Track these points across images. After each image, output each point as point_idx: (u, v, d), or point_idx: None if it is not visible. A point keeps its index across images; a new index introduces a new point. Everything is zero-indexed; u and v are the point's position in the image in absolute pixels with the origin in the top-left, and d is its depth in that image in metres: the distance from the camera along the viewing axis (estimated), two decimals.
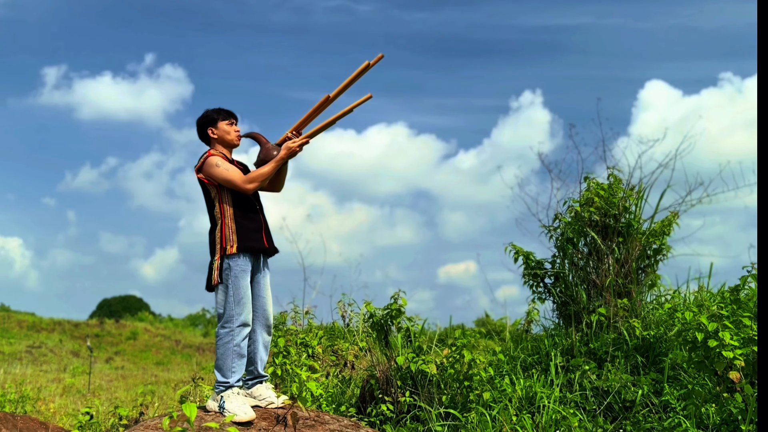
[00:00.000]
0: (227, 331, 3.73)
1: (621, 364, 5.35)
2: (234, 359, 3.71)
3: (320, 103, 4.00)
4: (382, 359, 4.96)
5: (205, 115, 4.05)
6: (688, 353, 4.61)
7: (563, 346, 5.68)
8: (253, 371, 3.89)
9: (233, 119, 4.06)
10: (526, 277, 6.03)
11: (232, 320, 3.73)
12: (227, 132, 4.02)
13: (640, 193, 5.81)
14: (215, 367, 3.74)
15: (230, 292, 3.75)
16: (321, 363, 5.26)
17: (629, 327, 5.37)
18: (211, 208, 3.92)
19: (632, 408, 5.03)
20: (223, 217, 3.85)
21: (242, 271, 3.78)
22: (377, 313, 4.86)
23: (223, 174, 3.83)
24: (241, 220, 3.86)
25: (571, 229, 5.70)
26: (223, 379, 3.70)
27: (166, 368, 17.88)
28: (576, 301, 5.79)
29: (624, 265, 5.73)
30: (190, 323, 25.89)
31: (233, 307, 3.73)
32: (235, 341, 3.72)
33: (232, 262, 3.79)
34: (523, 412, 4.88)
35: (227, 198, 3.88)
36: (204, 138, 4.10)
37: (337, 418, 3.84)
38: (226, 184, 3.85)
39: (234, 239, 3.80)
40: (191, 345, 22.52)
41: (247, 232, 3.85)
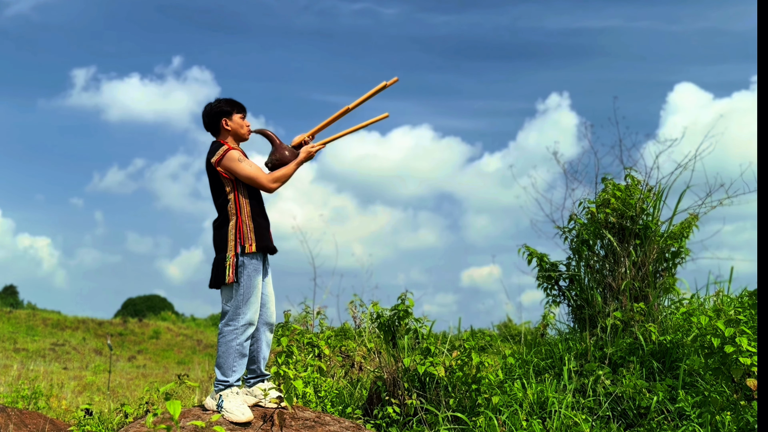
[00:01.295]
0: (232, 329, 3.67)
1: (636, 370, 5.21)
2: (235, 358, 3.65)
3: (340, 113, 4.04)
4: (390, 361, 4.88)
5: (219, 106, 3.92)
6: (704, 359, 4.45)
7: (577, 350, 5.55)
8: (256, 370, 3.84)
9: (245, 113, 3.99)
10: (540, 280, 5.91)
11: (237, 318, 3.68)
12: (240, 126, 3.94)
13: (658, 194, 5.66)
14: (216, 365, 3.69)
15: (241, 290, 3.68)
16: (329, 364, 5.20)
17: (645, 332, 5.22)
18: (223, 204, 3.79)
19: (647, 415, 4.89)
20: (239, 214, 3.75)
21: (255, 270, 3.73)
22: (384, 314, 4.78)
23: (245, 170, 3.75)
24: (257, 218, 3.80)
25: (586, 231, 5.57)
26: (223, 377, 3.64)
27: (187, 367, 17.99)
28: (591, 305, 5.65)
29: (641, 268, 5.58)
30: (212, 323, 26.03)
31: (241, 305, 3.68)
32: (239, 340, 3.66)
33: (247, 261, 3.71)
34: (533, 418, 4.77)
35: (244, 194, 3.80)
36: (213, 128, 3.96)
37: (338, 420, 3.78)
38: (247, 180, 3.76)
39: (252, 237, 3.73)
40: (213, 344, 22.66)
41: (262, 231, 3.80)
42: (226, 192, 3.79)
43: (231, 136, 3.93)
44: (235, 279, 3.67)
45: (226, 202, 3.78)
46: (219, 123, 3.92)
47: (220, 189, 3.81)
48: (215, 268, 3.77)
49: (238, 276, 3.68)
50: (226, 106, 3.91)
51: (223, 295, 3.75)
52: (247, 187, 3.81)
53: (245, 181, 3.77)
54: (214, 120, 3.92)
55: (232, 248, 3.71)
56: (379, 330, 4.83)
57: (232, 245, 3.72)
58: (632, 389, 4.99)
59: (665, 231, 5.66)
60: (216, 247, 3.81)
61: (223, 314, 3.74)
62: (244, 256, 3.70)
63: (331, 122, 4.06)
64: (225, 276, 3.68)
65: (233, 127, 3.91)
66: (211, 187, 3.86)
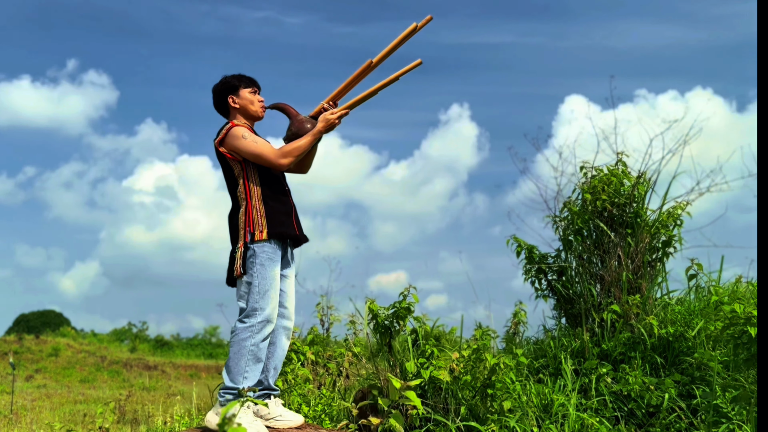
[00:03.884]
0: (246, 326, 3.08)
1: (638, 366, 4.89)
2: (249, 361, 3.03)
3: (361, 70, 3.45)
4: (386, 366, 4.31)
5: (224, 82, 3.42)
6: (733, 349, 4.16)
7: (572, 348, 5.17)
8: (263, 381, 3.19)
9: (256, 87, 3.45)
10: (528, 273, 5.50)
11: (254, 314, 3.10)
12: (251, 101, 3.40)
13: (648, 181, 5.39)
14: (225, 369, 3.07)
15: (255, 282, 3.12)
16: (314, 372, 4.56)
17: (646, 325, 4.90)
18: (233, 188, 3.30)
19: (657, 414, 4.57)
20: (249, 198, 3.23)
21: (269, 260, 3.15)
22: (381, 314, 4.20)
23: (250, 147, 3.21)
24: (270, 201, 3.24)
25: (581, 219, 5.21)
26: (232, 384, 3.01)
27: (92, 386, 16.63)
28: (583, 299, 5.30)
29: (633, 258, 5.28)
30: (116, 338, 24.32)
31: (257, 299, 3.10)
32: (254, 339, 3.06)
33: (258, 248, 3.15)
34: (545, 422, 4.33)
35: (254, 176, 3.27)
36: (222, 108, 3.47)
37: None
38: (254, 158, 3.23)
39: (263, 223, 3.18)
40: (118, 361, 21.19)
41: (277, 216, 3.24)
42: (235, 175, 3.29)
43: (240, 115, 3.42)
44: (242, 271, 3.14)
45: (236, 186, 3.29)
46: (226, 101, 3.42)
47: (229, 173, 3.32)
48: (230, 261, 3.26)
49: (247, 267, 3.14)
50: (232, 81, 3.41)
51: (239, 292, 3.21)
52: (260, 169, 3.28)
53: (252, 161, 3.25)
54: (221, 99, 3.44)
55: (242, 237, 3.21)
56: (374, 332, 4.24)
57: (242, 234, 3.21)
58: (639, 387, 4.66)
59: (655, 219, 5.40)
60: (231, 238, 3.30)
61: (239, 313, 3.18)
62: (254, 244, 3.16)
63: (353, 82, 3.47)
64: (234, 270, 3.20)
65: (241, 104, 3.40)
66: (223, 173, 3.36)
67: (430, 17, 3.47)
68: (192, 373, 19.65)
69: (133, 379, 17.48)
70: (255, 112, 3.41)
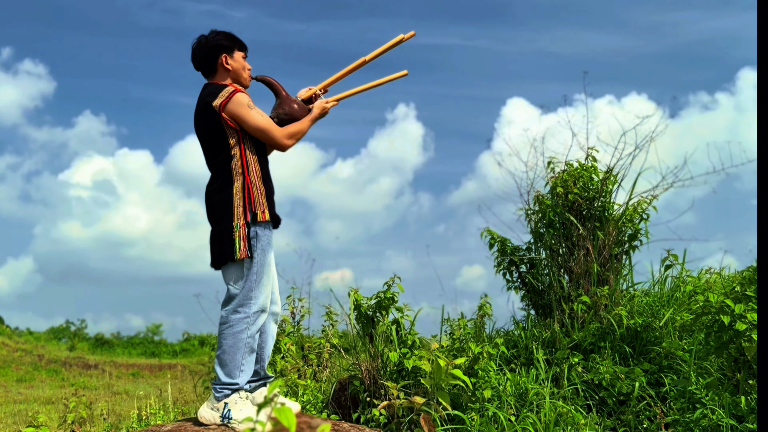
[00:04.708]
0: (242, 316, 2.90)
1: (608, 356, 5.01)
2: (245, 354, 2.88)
3: (355, 65, 3.50)
4: (367, 357, 4.29)
5: (217, 39, 3.13)
6: (705, 338, 4.31)
7: (543, 339, 5.27)
8: (259, 371, 3.08)
9: (247, 52, 3.22)
10: (500, 265, 5.57)
11: (249, 303, 2.91)
12: (242, 66, 3.17)
13: (615, 176, 5.53)
14: (217, 364, 2.89)
15: (254, 268, 2.92)
16: (294, 363, 4.50)
17: (616, 316, 5.03)
18: (225, 161, 3.01)
19: (627, 401, 4.69)
20: (247, 173, 2.98)
21: (269, 244, 2.99)
22: (364, 304, 4.17)
23: (257, 120, 2.99)
24: (266, 180, 3.06)
25: (552, 212, 5.31)
26: (229, 379, 2.86)
27: (30, 385, 16.06)
28: (554, 290, 5.40)
29: (601, 251, 5.41)
30: (53, 337, 23.45)
31: (253, 287, 2.91)
32: (250, 331, 2.90)
33: (260, 231, 2.96)
34: (523, 410, 4.40)
35: (252, 150, 3.04)
36: (208, 66, 3.18)
37: (357, 427, 3.15)
38: (258, 133, 3.01)
39: (264, 203, 2.98)
40: (56, 360, 20.47)
41: (272, 197, 3.07)
42: (230, 145, 3.00)
43: (230, 79, 3.15)
44: (249, 254, 2.91)
45: (230, 158, 3.00)
46: (217, 60, 3.13)
47: (221, 142, 3.01)
48: (218, 241, 2.97)
49: (252, 250, 2.92)
50: (227, 41, 3.14)
51: (229, 275, 2.97)
52: (255, 142, 3.06)
53: (254, 134, 3.02)
54: (211, 56, 3.12)
55: (241, 215, 2.94)
56: (356, 322, 4.21)
57: (240, 212, 2.94)
58: (610, 375, 4.78)
59: (622, 213, 5.54)
60: (215, 216, 3.01)
61: (229, 299, 2.95)
62: (256, 226, 2.95)
63: (345, 75, 3.47)
64: (234, 251, 2.90)
65: (234, 67, 3.15)
66: (208, 140, 3.05)
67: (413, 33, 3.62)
68: (134, 372, 19.11)
69: (72, 379, 16.93)
70: (245, 80, 3.19)
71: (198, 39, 3.16)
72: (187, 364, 18.70)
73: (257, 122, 3.00)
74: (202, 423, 2.89)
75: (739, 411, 3.93)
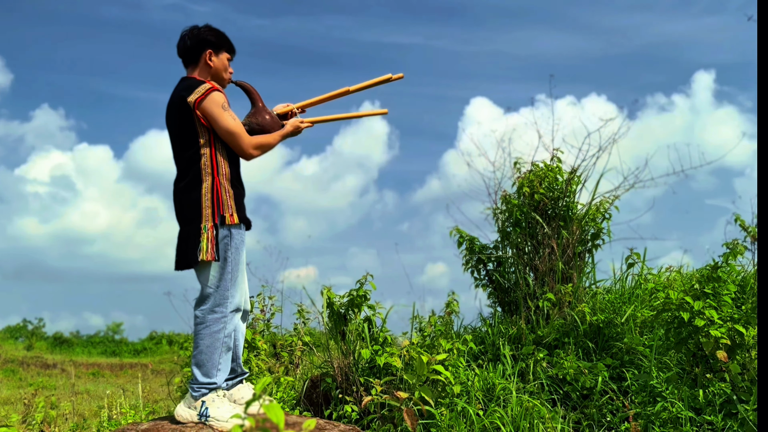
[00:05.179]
0: (218, 316, 2.92)
1: (572, 351, 5.16)
2: (222, 353, 2.92)
3: (338, 93, 3.55)
4: (339, 355, 4.35)
5: (207, 34, 3.14)
6: (665, 333, 4.48)
7: (509, 335, 5.40)
8: (235, 368, 3.13)
9: (232, 56, 3.24)
10: (468, 263, 5.68)
11: (226, 303, 2.94)
12: (225, 67, 3.19)
13: (579, 177, 5.69)
14: (194, 364, 2.92)
15: (228, 268, 2.95)
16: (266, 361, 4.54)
17: (579, 312, 5.19)
18: (194, 159, 3.00)
19: (591, 395, 4.84)
20: (216, 174, 2.98)
21: (242, 243, 3.02)
22: (337, 302, 4.24)
23: (228, 123, 2.98)
24: (236, 183, 3.07)
25: (519, 211, 5.44)
26: (207, 379, 2.89)
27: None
28: (520, 288, 5.53)
29: (565, 250, 5.56)
30: (10, 336, 22.94)
31: (229, 287, 2.94)
32: (227, 330, 2.93)
33: (235, 232, 2.99)
34: (491, 405, 4.51)
35: (223, 151, 3.03)
36: (190, 58, 3.17)
37: (334, 424, 3.21)
38: (226, 135, 3.00)
39: (233, 205, 2.99)
40: (13, 360, 20.05)
41: (241, 200, 3.09)
42: (199, 144, 3.00)
43: (209, 75, 3.15)
44: (216, 257, 2.93)
45: (198, 158, 2.99)
46: (201, 54, 3.14)
47: (192, 138, 3.00)
48: (185, 242, 2.97)
49: (219, 252, 2.94)
50: (216, 38, 3.14)
51: (203, 276, 2.98)
52: (227, 144, 3.07)
53: (222, 136, 3.01)
54: (197, 48, 3.13)
55: (209, 217, 2.94)
56: (329, 319, 4.27)
57: (208, 213, 2.94)
58: (574, 371, 4.92)
59: (585, 213, 5.70)
60: (184, 216, 3.01)
61: (204, 299, 2.97)
62: (227, 227, 2.98)
63: (325, 100, 3.52)
64: (201, 252, 2.91)
65: (216, 66, 3.16)
66: (178, 135, 3.05)
67: (402, 75, 3.66)
68: (95, 371, 18.83)
69: (31, 379, 16.60)
70: (224, 80, 3.20)
71: (190, 28, 3.17)
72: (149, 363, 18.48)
73: (228, 125, 2.99)
74: (179, 421, 2.92)
75: (697, 404, 4.11)
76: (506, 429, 4.15)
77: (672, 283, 4.84)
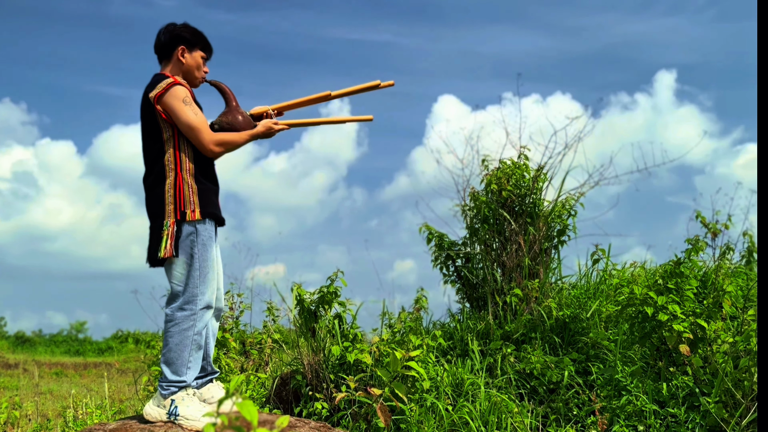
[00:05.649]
0: (188, 314, 2.91)
1: (539, 346, 5.24)
2: (192, 351, 2.90)
3: (318, 97, 3.46)
4: (309, 352, 4.35)
5: (185, 30, 3.14)
6: (629, 328, 4.57)
7: (478, 330, 5.45)
8: (206, 366, 3.11)
9: (208, 56, 3.23)
10: (437, 260, 5.72)
11: (196, 300, 2.92)
12: (197, 66, 3.17)
13: (545, 174, 5.77)
14: (163, 362, 2.90)
15: (195, 264, 2.92)
16: (236, 360, 4.51)
17: (546, 308, 5.27)
18: (158, 155, 3.00)
19: (557, 390, 4.92)
20: (179, 170, 2.97)
21: (210, 239, 2.98)
22: (307, 299, 4.24)
23: (189, 117, 2.96)
24: (202, 179, 3.03)
25: (487, 208, 5.49)
26: (176, 377, 2.88)
27: None
28: (488, 283, 5.59)
29: (532, 246, 5.64)
30: None
31: (198, 284, 2.92)
32: (197, 328, 2.91)
33: (200, 227, 2.96)
34: (460, 400, 4.55)
35: (187, 146, 3.02)
36: (164, 53, 3.16)
37: (304, 421, 3.22)
38: (187, 130, 2.98)
39: (195, 201, 2.96)
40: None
41: (209, 196, 3.04)
42: (163, 139, 3.00)
43: (182, 73, 3.14)
44: (175, 253, 2.92)
45: (163, 154, 2.99)
46: (174, 50, 3.12)
47: (156, 133, 3.01)
48: (152, 239, 2.98)
49: (184, 247, 2.93)
50: (191, 36, 3.13)
51: (171, 273, 2.97)
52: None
53: (183, 130, 2.99)
54: (170, 44, 3.12)
55: (171, 213, 2.94)
56: (299, 316, 4.27)
57: (170, 210, 2.94)
58: (541, 365, 5.00)
59: (551, 210, 5.78)
60: (150, 212, 3.01)
61: (174, 296, 2.96)
62: (191, 223, 2.96)
63: (305, 104, 3.46)
64: (161, 249, 2.92)
65: (189, 63, 3.14)
66: (145, 131, 3.05)
67: (393, 83, 3.60)
68: (58, 371, 18.50)
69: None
70: (195, 80, 3.19)
71: (167, 25, 3.17)
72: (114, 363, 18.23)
73: (188, 119, 2.97)
74: (148, 420, 2.90)
75: (661, 397, 4.20)
76: (475, 424, 4.20)
77: (636, 279, 4.95)
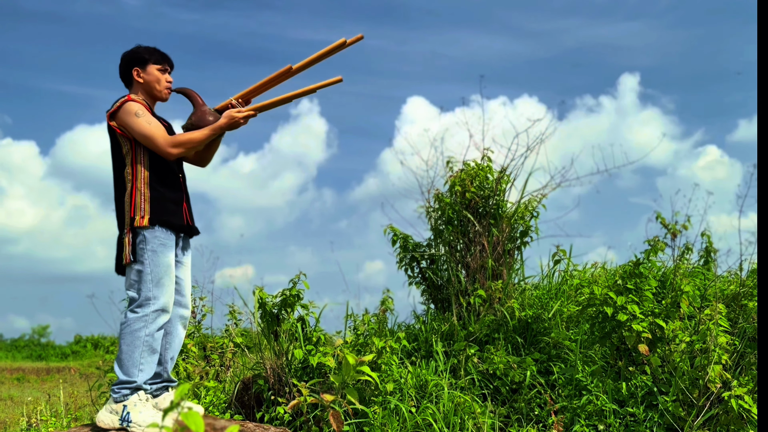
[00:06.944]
0: (139, 315, 2.95)
1: (502, 346, 5.27)
2: (143, 353, 2.91)
3: (279, 74, 3.38)
4: (271, 356, 4.32)
5: (135, 52, 3.24)
6: (590, 328, 4.62)
7: (442, 331, 5.47)
8: (161, 373, 3.08)
9: (168, 66, 3.28)
10: (402, 261, 5.73)
11: (147, 304, 2.97)
12: (157, 80, 3.24)
13: (508, 176, 5.81)
14: (116, 363, 2.91)
15: (147, 270, 2.98)
16: (195, 365, 4.45)
17: (509, 308, 5.30)
18: (120, 168, 3.14)
19: (520, 390, 4.96)
20: (135, 180, 3.08)
21: (162, 245, 3.02)
22: (269, 302, 4.20)
23: (142, 127, 3.05)
24: (159, 187, 3.10)
25: (451, 210, 5.52)
26: (126, 377, 2.88)
27: None
28: (452, 285, 5.62)
29: (495, 247, 5.68)
30: None
31: (150, 288, 2.96)
32: (148, 329, 2.94)
33: (149, 234, 3.03)
34: (423, 401, 4.56)
35: (143, 158, 3.11)
36: (126, 79, 3.30)
37: (262, 426, 3.19)
38: (143, 140, 3.08)
39: (146, 208, 3.04)
40: None
41: (163, 203, 3.09)
42: (122, 153, 3.13)
43: (143, 91, 3.25)
44: (132, 258, 3.00)
45: (123, 167, 3.13)
46: (130, 73, 3.25)
47: (116, 150, 3.16)
48: (117, 248, 3.09)
49: (137, 254, 3.01)
50: (143, 53, 3.23)
51: (129, 280, 3.04)
52: (148, 150, 3.14)
53: (141, 142, 3.10)
54: (126, 69, 3.27)
55: (128, 222, 3.06)
56: (261, 320, 4.23)
57: (127, 219, 3.06)
58: (503, 365, 5.03)
59: (514, 211, 5.83)
60: (117, 223, 3.13)
61: (129, 301, 3.02)
62: (142, 230, 3.05)
63: (269, 84, 3.40)
64: (124, 257, 3.03)
65: (147, 80, 3.23)
66: (111, 150, 3.19)
67: (361, 36, 3.47)
68: (19, 376, 18.12)
69: None
70: (159, 93, 3.26)
71: (122, 54, 3.29)
72: (78, 368, 17.90)
73: (142, 129, 3.07)
74: (101, 428, 2.86)
75: (621, 396, 4.26)
76: (438, 425, 4.21)
77: (596, 279, 5.01)
